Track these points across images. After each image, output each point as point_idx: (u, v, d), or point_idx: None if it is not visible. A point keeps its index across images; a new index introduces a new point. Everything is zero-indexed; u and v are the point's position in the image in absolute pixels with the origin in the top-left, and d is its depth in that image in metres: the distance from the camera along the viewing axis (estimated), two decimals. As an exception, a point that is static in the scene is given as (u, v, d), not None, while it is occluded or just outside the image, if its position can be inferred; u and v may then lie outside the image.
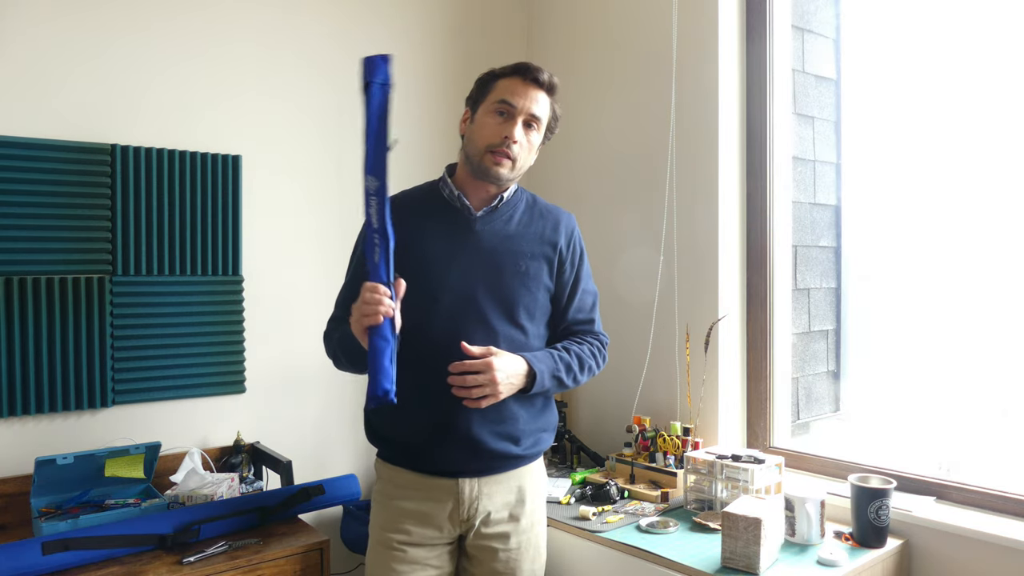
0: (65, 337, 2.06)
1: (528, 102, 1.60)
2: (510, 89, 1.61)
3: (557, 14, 2.93)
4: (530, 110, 1.60)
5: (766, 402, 2.38)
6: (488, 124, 1.61)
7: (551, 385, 1.62)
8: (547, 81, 1.63)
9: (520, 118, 1.60)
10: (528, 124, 1.62)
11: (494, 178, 1.62)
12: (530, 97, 1.60)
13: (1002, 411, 2.27)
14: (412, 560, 1.61)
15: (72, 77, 2.08)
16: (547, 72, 1.63)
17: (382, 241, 1.47)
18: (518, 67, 1.63)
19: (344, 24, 2.57)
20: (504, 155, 1.59)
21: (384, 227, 1.46)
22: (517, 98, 1.59)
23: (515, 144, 1.59)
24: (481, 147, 1.61)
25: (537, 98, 1.61)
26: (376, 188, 1.47)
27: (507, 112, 1.60)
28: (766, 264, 2.38)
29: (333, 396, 2.55)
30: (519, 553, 1.67)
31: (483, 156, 1.60)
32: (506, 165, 1.60)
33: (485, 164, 1.60)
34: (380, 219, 1.47)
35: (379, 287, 1.44)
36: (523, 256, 1.65)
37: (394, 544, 1.62)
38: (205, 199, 2.27)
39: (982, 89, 2.24)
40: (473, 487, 1.62)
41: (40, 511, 1.89)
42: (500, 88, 1.62)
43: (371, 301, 1.42)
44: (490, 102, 1.62)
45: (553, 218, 1.73)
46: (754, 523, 1.69)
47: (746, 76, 2.41)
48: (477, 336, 1.58)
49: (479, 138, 1.61)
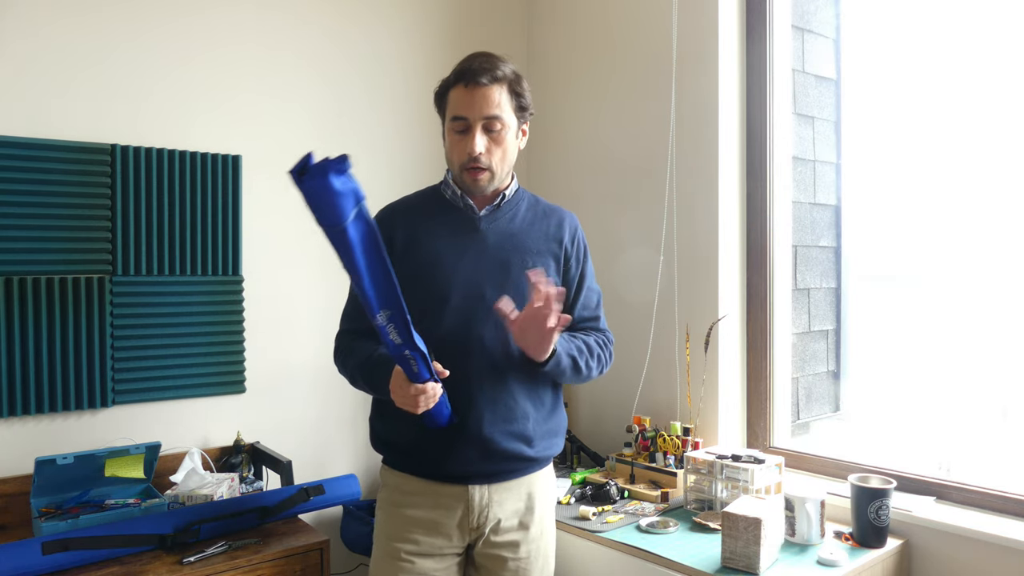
0: (65, 337, 2.06)
1: (477, 108, 1.55)
2: (458, 102, 1.57)
3: (557, 15, 2.93)
4: (483, 114, 1.55)
5: (766, 402, 2.38)
6: (452, 144, 1.61)
7: (567, 365, 1.59)
8: (491, 76, 1.56)
9: (477, 126, 1.56)
10: (488, 128, 1.57)
11: (478, 191, 1.63)
12: (477, 103, 1.55)
13: (1002, 411, 2.26)
14: (420, 572, 1.58)
15: (72, 77, 2.08)
16: (489, 63, 1.56)
17: (414, 352, 1.40)
18: (459, 73, 1.58)
19: (343, 25, 2.58)
20: (476, 170, 1.58)
21: (411, 339, 1.38)
22: (466, 109, 1.56)
23: (482, 155, 1.57)
24: (456, 167, 1.62)
25: (487, 98, 1.55)
26: (390, 316, 1.35)
27: (463, 128, 1.58)
28: (766, 264, 2.38)
29: (333, 396, 2.55)
30: (528, 562, 1.65)
31: (461, 175, 1.61)
32: (483, 177, 1.59)
33: (466, 181, 1.61)
34: (404, 335, 1.38)
35: (426, 388, 1.44)
36: (529, 253, 1.64)
37: (401, 555, 1.59)
38: (205, 199, 2.27)
39: (982, 89, 2.24)
40: (483, 494, 1.60)
41: (40, 511, 1.89)
42: (451, 103, 1.60)
43: (424, 401, 1.45)
44: (448, 120, 1.61)
45: (557, 216, 1.73)
46: (754, 523, 1.69)
47: (746, 76, 2.41)
48: (487, 334, 1.58)
49: (451, 158, 1.62)
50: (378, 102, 2.66)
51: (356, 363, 1.60)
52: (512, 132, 1.63)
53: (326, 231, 1.24)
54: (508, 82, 1.59)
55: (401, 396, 1.47)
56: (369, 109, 2.64)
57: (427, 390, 1.44)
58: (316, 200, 1.18)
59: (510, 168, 1.66)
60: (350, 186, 1.17)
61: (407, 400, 1.46)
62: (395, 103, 2.71)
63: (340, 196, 1.17)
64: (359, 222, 1.23)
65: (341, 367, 1.68)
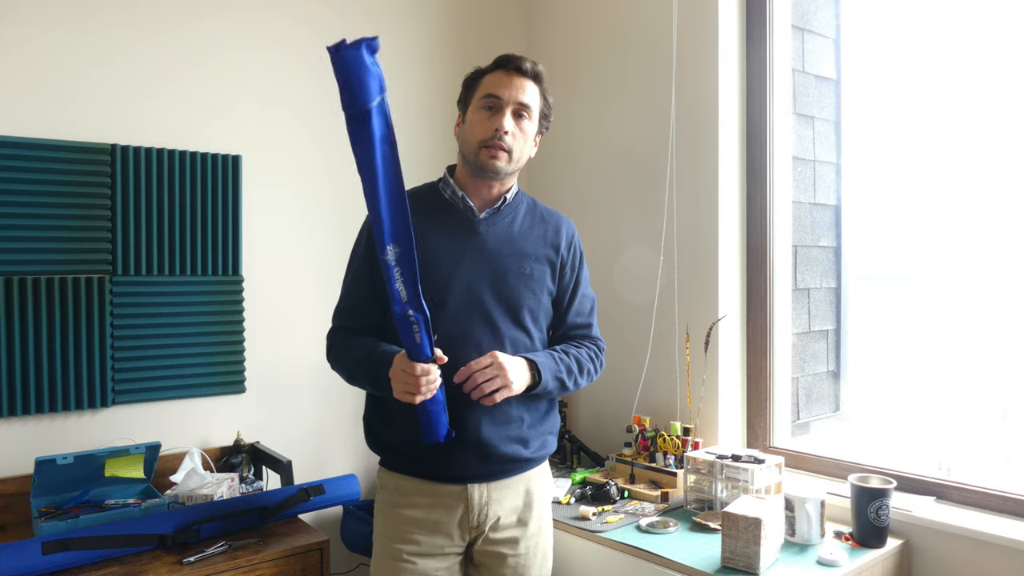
0: (65, 337, 2.06)
1: (514, 92, 1.59)
2: (495, 83, 1.60)
3: (557, 15, 2.93)
4: (517, 99, 1.59)
5: (766, 402, 2.38)
6: (478, 120, 1.60)
7: (554, 386, 1.61)
8: (531, 69, 1.61)
9: (508, 108, 1.58)
10: (518, 114, 1.60)
11: (492, 172, 1.60)
12: (515, 86, 1.59)
13: (1002, 411, 2.27)
14: (422, 572, 1.58)
15: (72, 78, 2.08)
16: (530, 61, 1.62)
17: (418, 315, 1.35)
18: (500, 60, 1.63)
19: (342, 26, 2.57)
20: (498, 147, 1.58)
21: (418, 299, 1.34)
22: (503, 89, 1.59)
23: (507, 135, 1.58)
24: (475, 144, 1.60)
25: (523, 86, 1.60)
26: (399, 256, 1.32)
27: (495, 105, 1.59)
28: (766, 264, 2.38)
29: (333, 396, 2.55)
30: (527, 558, 1.65)
31: (478, 152, 1.59)
32: (502, 158, 1.59)
33: (481, 159, 1.59)
34: (411, 291, 1.33)
35: (431, 369, 1.41)
36: (527, 258, 1.64)
37: (403, 556, 1.58)
38: (205, 199, 2.27)
39: (982, 88, 2.24)
40: (482, 492, 1.60)
41: (40, 511, 1.89)
42: (485, 84, 1.62)
43: (426, 383, 1.41)
44: (477, 99, 1.62)
45: (555, 221, 1.73)
46: (754, 523, 1.69)
47: (746, 76, 2.41)
48: (483, 338, 1.58)
49: (471, 136, 1.61)
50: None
51: (356, 357, 1.59)
52: (533, 131, 1.65)
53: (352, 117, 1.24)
54: (541, 86, 1.64)
55: (402, 381, 1.43)
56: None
57: (430, 372, 1.41)
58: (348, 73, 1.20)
59: (522, 165, 1.66)
60: (378, 69, 1.21)
61: (408, 383, 1.42)
62: (394, 103, 2.67)
63: (369, 73, 1.20)
64: (381, 116, 1.25)
65: (335, 363, 1.66)
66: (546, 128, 1.70)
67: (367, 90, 1.23)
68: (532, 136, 1.65)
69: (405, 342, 1.41)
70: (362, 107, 1.23)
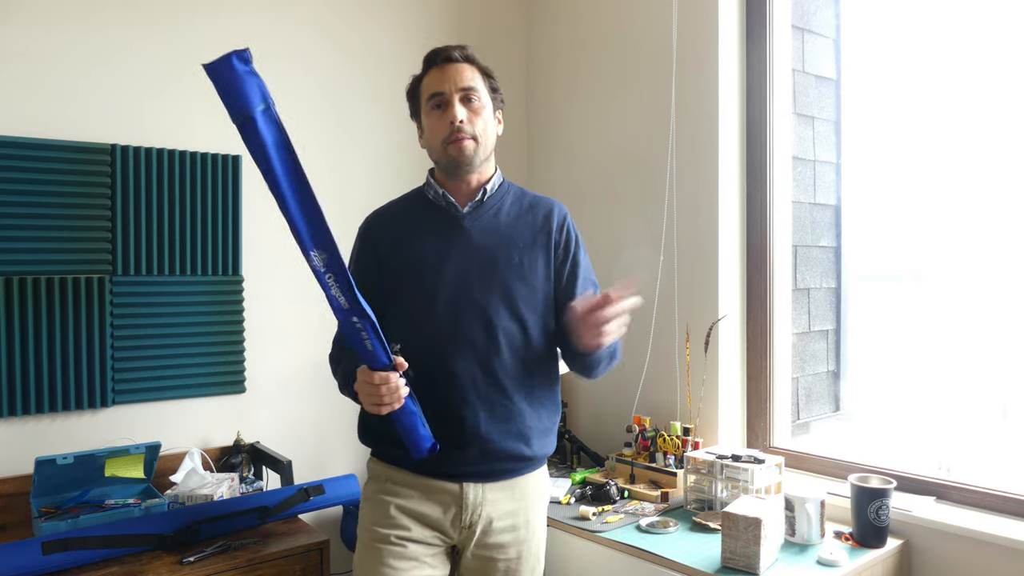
0: (65, 337, 2.06)
1: (453, 81, 1.58)
2: (433, 81, 1.61)
3: (557, 15, 2.93)
4: (459, 86, 1.58)
5: (766, 402, 2.38)
6: (433, 122, 1.61)
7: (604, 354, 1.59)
8: (461, 54, 1.61)
9: (455, 98, 1.58)
10: (466, 99, 1.60)
11: (465, 163, 1.59)
12: (452, 76, 1.59)
13: (1002, 412, 2.26)
14: (412, 556, 1.54)
15: (72, 77, 2.08)
16: (457, 47, 1.62)
17: (363, 321, 1.31)
18: (428, 58, 1.64)
19: (341, 26, 2.58)
20: (460, 138, 1.57)
21: (358, 305, 1.30)
22: (442, 84, 1.59)
23: (463, 123, 1.57)
24: (439, 145, 1.60)
25: (460, 72, 1.59)
26: (327, 261, 1.28)
27: (441, 102, 1.59)
28: (766, 264, 2.38)
29: (333, 396, 2.51)
30: (519, 563, 1.63)
31: (445, 150, 1.59)
32: (468, 147, 1.58)
33: (450, 154, 1.59)
34: (349, 297, 1.29)
35: (389, 377, 1.38)
36: (516, 248, 1.62)
37: (392, 539, 1.55)
38: (205, 199, 2.27)
39: (982, 88, 2.24)
40: (477, 492, 1.58)
41: (40, 511, 1.89)
42: (425, 86, 1.63)
43: (387, 393, 1.39)
44: (424, 103, 1.63)
45: (544, 207, 1.70)
46: (754, 523, 1.69)
47: (746, 76, 2.41)
48: (476, 333, 1.56)
49: (433, 139, 1.61)
50: (376, 103, 2.66)
51: (343, 371, 1.58)
52: (489, 110, 1.64)
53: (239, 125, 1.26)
54: (477, 64, 1.64)
55: (365, 392, 1.41)
56: (367, 110, 2.64)
57: (389, 379, 1.38)
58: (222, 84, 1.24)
59: (492, 146, 1.65)
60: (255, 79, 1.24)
61: (371, 394, 1.39)
62: (393, 103, 2.70)
63: (243, 81, 1.24)
64: (270, 123, 1.26)
65: (333, 372, 1.66)
66: (502, 102, 1.69)
67: (245, 98, 1.25)
68: (490, 115, 1.64)
69: (358, 351, 1.39)
70: (244, 114, 1.25)
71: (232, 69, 1.23)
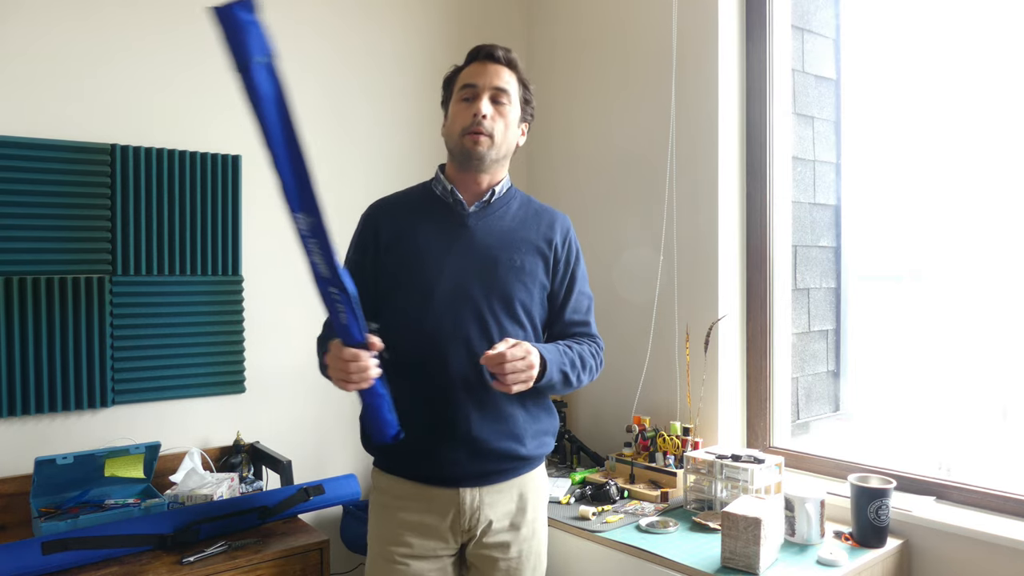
0: (65, 337, 2.06)
1: (488, 78, 1.60)
2: (470, 73, 1.63)
3: (557, 15, 2.93)
4: (493, 84, 1.60)
5: (766, 402, 2.38)
6: (458, 112, 1.62)
7: (558, 379, 1.57)
8: (504, 56, 1.63)
9: (485, 94, 1.60)
10: (496, 99, 1.61)
11: (476, 158, 1.60)
12: (489, 73, 1.61)
13: (1002, 412, 2.26)
14: (415, 573, 1.57)
15: (72, 77, 2.08)
16: (503, 48, 1.64)
17: (341, 294, 1.28)
18: (472, 52, 1.65)
19: (341, 25, 2.58)
20: (479, 132, 1.58)
21: (336, 276, 1.27)
22: (477, 77, 1.61)
23: (486, 119, 1.58)
24: (457, 134, 1.61)
25: (498, 72, 1.62)
26: (311, 226, 1.25)
27: (471, 95, 1.61)
28: (766, 264, 2.38)
29: (333, 396, 2.54)
30: (520, 562, 1.63)
31: (461, 141, 1.60)
32: (483, 142, 1.59)
33: (465, 146, 1.59)
34: (329, 265, 1.26)
35: (360, 355, 1.36)
36: (517, 251, 1.62)
37: (396, 557, 1.58)
38: (205, 199, 2.27)
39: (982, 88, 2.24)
40: (474, 496, 1.58)
41: (40, 511, 1.89)
42: (462, 77, 1.64)
43: (356, 371, 1.37)
44: (456, 93, 1.64)
45: (549, 217, 1.71)
46: (754, 523, 1.69)
47: (746, 76, 2.41)
48: (472, 332, 1.56)
49: (453, 127, 1.62)
50: (376, 102, 2.66)
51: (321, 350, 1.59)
52: (515, 117, 1.65)
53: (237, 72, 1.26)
54: (518, 72, 1.66)
55: (334, 366, 1.39)
56: (367, 109, 2.64)
57: (359, 357, 1.37)
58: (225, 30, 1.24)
59: (508, 152, 1.66)
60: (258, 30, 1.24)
61: (339, 368, 1.38)
62: (393, 103, 2.71)
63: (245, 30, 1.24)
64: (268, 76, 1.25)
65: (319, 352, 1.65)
66: (531, 116, 1.70)
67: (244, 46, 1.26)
68: (514, 122, 1.65)
69: (333, 323, 1.37)
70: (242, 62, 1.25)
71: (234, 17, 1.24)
